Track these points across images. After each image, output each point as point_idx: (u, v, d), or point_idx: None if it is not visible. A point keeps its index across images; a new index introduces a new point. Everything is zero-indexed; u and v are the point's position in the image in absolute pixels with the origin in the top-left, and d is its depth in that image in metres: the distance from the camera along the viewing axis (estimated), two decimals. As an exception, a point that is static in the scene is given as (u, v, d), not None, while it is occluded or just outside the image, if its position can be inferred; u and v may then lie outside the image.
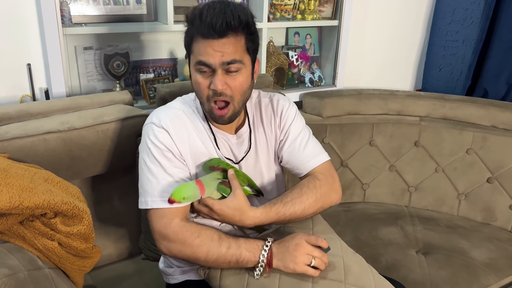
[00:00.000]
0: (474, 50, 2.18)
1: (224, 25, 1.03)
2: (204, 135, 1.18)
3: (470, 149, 1.89)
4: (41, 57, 1.62)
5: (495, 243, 1.70)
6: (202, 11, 1.04)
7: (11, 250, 0.99)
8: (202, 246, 1.06)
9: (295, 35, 2.23)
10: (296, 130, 1.27)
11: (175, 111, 1.18)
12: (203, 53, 1.06)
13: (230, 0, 1.08)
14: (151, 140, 1.13)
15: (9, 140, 1.23)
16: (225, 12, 1.03)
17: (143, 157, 1.14)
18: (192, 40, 1.08)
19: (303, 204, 1.17)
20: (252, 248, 1.06)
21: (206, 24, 1.03)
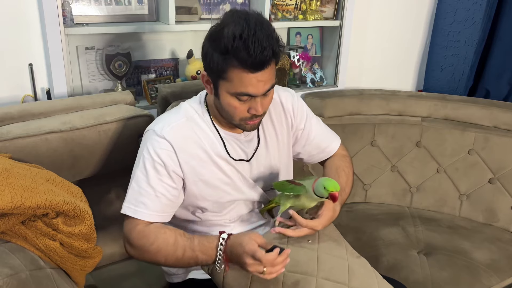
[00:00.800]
0: (476, 51, 2.18)
1: (270, 58, 1.02)
2: (211, 141, 1.17)
3: (472, 150, 1.89)
4: (43, 57, 1.62)
5: (497, 244, 1.70)
6: (247, 44, 0.98)
7: (13, 250, 0.99)
8: (159, 252, 1.09)
9: (297, 35, 2.22)
10: (310, 123, 1.33)
11: (180, 120, 1.15)
12: (247, 85, 1.03)
13: (260, 16, 1.04)
14: (148, 148, 1.12)
15: (11, 140, 1.23)
16: (268, 41, 1.00)
17: (136, 162, 1.15)
18: (228, 67, 1.02)
19: (350, 183, 1.34)
20: (206, 251, 1.07)
21: (254, 58, 0.99)
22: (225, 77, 1.04)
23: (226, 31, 0.99)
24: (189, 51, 1.86)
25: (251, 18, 1.01)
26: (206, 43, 1.06)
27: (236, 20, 1.00)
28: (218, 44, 1.01)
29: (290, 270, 1.11)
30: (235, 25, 0.99)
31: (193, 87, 1.61)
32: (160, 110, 1.56)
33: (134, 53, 1.83)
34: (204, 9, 1.93)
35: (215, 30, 1.04)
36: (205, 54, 1.06)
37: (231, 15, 1.03)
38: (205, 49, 1.06)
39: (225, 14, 1.06)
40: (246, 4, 2.01)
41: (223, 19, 1.04)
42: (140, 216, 1.11)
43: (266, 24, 1.02)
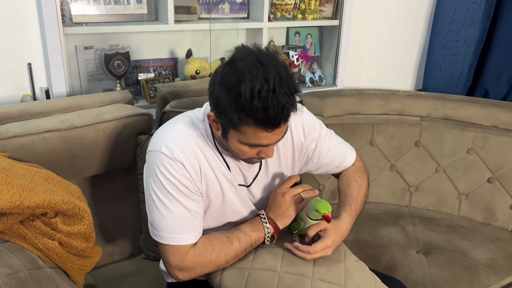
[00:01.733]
0: (475, 50, 2.18)
1: (288, 116, 0.98)
2: (215, 161, 1.13)
3: (471, 149, 1.89)
4: (42, 57, 1.62)
5: (496, 243, 1.70)
6: (266, 104, 0.92)
7: (12, 250, 0.99)
8: (220, 256, 1.10)
9: (296, 34, 2.22)
10: (322, 141, 1.28)
11: (185, 137, 1.09)
12: (261, 138, 1.00)
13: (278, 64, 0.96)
14: (163, 172, 1.06)
15: (9, 138, 1.23)
16: (288, 97, 0.94)
17: (153, 188, 1.08)
18: (243, 124, 0.97)
19: (362, 193, 1.30)
20: (256, 228, 1.14)
21: (273, 119, 0.95)
22: (238, 130, 0.99)
23: (244, 88, 0.92)
24: (188, 51, 1.86)
25: (270, 69, 0.93)
26: (218, 89, 0.98)
27: (254, 73, 0.92)
28: (233, 100, 0.94)
29: (286, 271, 1.11)
30: (252, 81, 0.91)
31: (192, 86, 1.61)
32: (159, 110, 1.56)
33: (133, 52, 1.83)
34: (203, 8, 1.93)
35: (229, 80, 0.95)
36: (216, 101, 0.98)
37: (245, 61, 0.94)
38: (216, 95, 0.98)
39: (238, 54, 0.97)
40: (245, 3, 2.01)
41: (239, 66, 0.95)
42: (187, 242, 1.08)
43: (285, 75, 0.95)
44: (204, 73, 1.90)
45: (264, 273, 1.11)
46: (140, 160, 1.44)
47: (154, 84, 1.89)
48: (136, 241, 1.54)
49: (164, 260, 1.12)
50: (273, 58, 0.96)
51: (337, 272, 1.12)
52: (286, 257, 1.15)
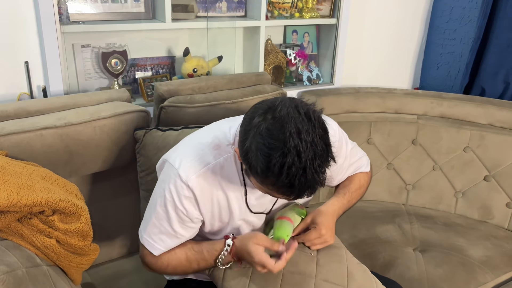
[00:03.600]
0: (471, 49, 2.19)
1: (313, 193, 0.93)
2: (234, 189, 1.10)
3: (467, 147, 1.90)
4: (39, 55, 1.61)
5: (492, 241, 1.71)
6: (293, 183, 0.87)
7: (9, 248, 0.99)
8: (176, 270, 1.16)
9: (293, 33, 2.23)
10: (347, 158, 1.27)
11: (207, 166, 1.05)
12: (281, 196, 0.96)
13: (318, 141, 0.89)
14: (170, 190, 1.05)
15: (5, 135, 1.22)
16: (318, 178, 0.89)
17: (158, 196, 1.09)
18: (265, 184, 0.93)
19: (360, 195, 1.32)
20: (216, 255, 1.11)
21: (295, 195, 0.91)
22: (260, 182, 0.94)
23: (274, 161, 0.86)
24: (186, 49, 1.86)
25: (306, 142, 0.86)
26: (250, 139, 0.91)
27: (288, 146, 0.85)
28: (261, 165, 0.88)
29: (290, 270, 1.12)
30: (284, 156, 0.85)
31: (189, 84, 1.61)
32: (156, 108, 1.56)
33: (130, 51, 1.82)
34: (201, 7, 1.93)
35: (262, 140, 0.88)
36: (246, 151, 0.91)
37: (284, 126, 0.87)
38: (247, 144, 0.91)
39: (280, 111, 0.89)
40: (242, 2, 2.01)
41: (275, 130, 0.87)
42: (156, 252, 1.13)
43: (321, 148, 0.88)
44: (201, 72, 1.90)
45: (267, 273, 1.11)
46: (141, 156, 1.44)
47: (152, 82, 1.89)
48: (134, 239, 1.55)
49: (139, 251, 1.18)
50: (313, 127, 0.89)
51: (339, 273, 1.13)
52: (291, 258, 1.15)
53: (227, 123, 1.14)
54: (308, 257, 1.16)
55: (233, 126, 1.11)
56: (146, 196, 1.44)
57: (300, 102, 0.93)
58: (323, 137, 0.90)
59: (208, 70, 1.93)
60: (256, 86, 1.74)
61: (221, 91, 1.65)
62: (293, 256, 1.14)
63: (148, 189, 1.43)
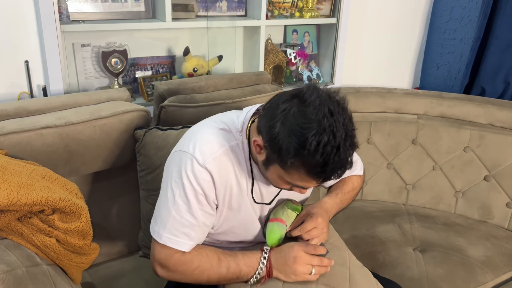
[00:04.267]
0: (471, 48, 2.19)
1: (342, 175, 0.96)
2: (242, 176, 1.10)
3: (467, 147, 1.90)
4: (39, 54, 1.61)
5: (492, 241, 1.71)
6: (327, 162, 0.89)
7: (9, 247, 0.99)
8: (203, 273, 1.07)
9: (293, 32, 2.23)
10: None
11: (220, 147, 1.06)
12: (305, 183, 0.98)
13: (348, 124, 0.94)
14: (188, 176, 1.03)
15: (5, 135, 1.22)
16: (347, 160, 0.93)
17: (172, 186, 1.06)
18: (295, 168, 0.94)
19: (352, 197, 1.33)
20: (251, 263, 1.08)
21: (327, 175, 0.93)
22: (285, 169, 0.96)
23: (310, 139, 0.88)
24: (186, 49, 1.86)
25: (339, 122, 0.90)
26: (278, 126, 0.92)
27: (324, 125, 0.88)
28: (294, 146, 0.90)
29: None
30: (320, 134, 0.88)
31: (190, 84, 1.61)
32: (157, 107, 1.56)
33: (131, 50, 1.82)
34: (201, 6, 1.93)
35: (295, 123, 0.90)
36: (273, 137, 0.93)
37: (316, 108, 0.90)
38: (275, 131, 0.93)
39: (309, 97, 0.92)
40: (242, 1, 2.01)
41: (308, 112, 0.90)
42: (183, 248, 1.06)
43: (351, 129, 0.93)
44: (201, 71, 1.90)
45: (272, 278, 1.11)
46: (141, 156, 1.44)
47: (152, 82, 1.89)
48: (134, 239, 1.54)
49: (151, 252, 1.10)
50: (343, 109, 0.94)
51: (341, 277, 1.13)
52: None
53: (234, 113, 1.15)
54: None
55: (240, 115, 1.12)
56: (146, 196, 1.44)
57: (328, 89, 0.97)
58: (351, 120, 0.95)
59: (208, 70, 1.93)
60: (256, 86, 1.74)
61: (221, 91, 1.65)
62: None
63: (148, 189, 1.43)
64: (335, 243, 1.25)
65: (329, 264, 1.10)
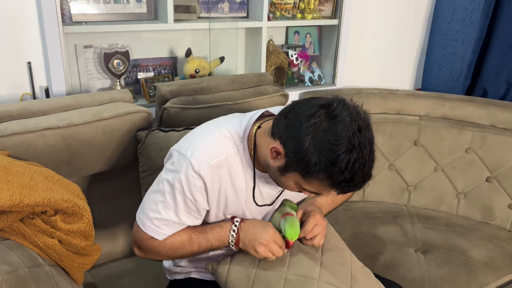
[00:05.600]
0: (473, 50, 2.19)
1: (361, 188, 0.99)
2: (242, 182, 1.11)
3: (469, 149, 1.90)
4: (41, 56, 1.62)
5: (494, 242, 1.71)
6: (353, 177, 0.92)
7: (12, 247, 0.99)
8: (176, 253, 1.14)
9: (295, 34, 2.23)
10: None
11: (220, 156, 1.06)
12: (321, 191, 1.00)
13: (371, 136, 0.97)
14: (181, 179, 1.05)
15: (8, 136, 1.23)
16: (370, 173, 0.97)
17: (164, 183, 1.08)
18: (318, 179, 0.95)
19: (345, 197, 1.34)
20: (220, 236, 1.13)
21: (351, 189, 0.96)
22: (307, 179, 0.97)
23: (341, 158, 0.90)
24: (188, 50, 1.86)
25: (366, 139, 0.94)
26: (307, 139, 0.93)
27: (352, 143, 0.91)
28: (324, 162, 0.92)
29: (292, 273, 1.12)
30: (350, 152, 0.91)
31: (192, 85, 1.62)
32: (159, 109, 1.57)
33: (133, 51, 1.83)
34: (203, 7, 1.93)
35: (326, 138, 0.92)
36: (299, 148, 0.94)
37: (347, 125, 0.92)
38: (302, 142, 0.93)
39: (339, 112, 0.94)
40: (244, 3, 2.01)
41: (339, 129, 0.92)
42: (159, 237, 1.11)
43: (373, 143, 0.98)
44: (203, 72, 1.90)
45: (270, 274, 1.11)
46: (142, 157, 1.44)
47: (154, 83, 1.89)
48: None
49: (132, 233, 1.16)
50: (368, 125, 0.97)
51: (343, 276, 1.13)
52: (293, 259, 1.15)
53: (237, 118, 1.15)
54: (312, 259, 1.16)
55: (243, 120, 1.13)
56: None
57: (356, 105, 0.99)
58: (373, 134, 0.99)
59: (210, 71, 1.94)
60: (258, 87, 1.75)
61: (223, 92, 1.66)
62: (296, 259, 1.15)
63: (150, 190, 1.43)
64: (336, 243, 1.25)
65: None
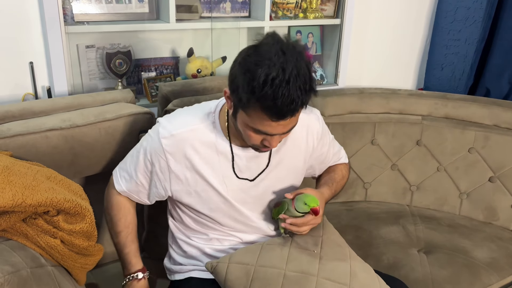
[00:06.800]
0: (476, 49, 2.18)
1: (296, 110, 0.98)
2: (220, 155, 1.16)
3: (472, 148, 1.89)
4: (44, 56, 1.62)
5: (497, 243, 1.70)
6: (276, 93, 0.93)
7: (14, 248, 0.99)
8: (113, 227, 1.26)
9: (297, 33, 2.22)
10: (330, 146, 1.36)
11: (184, 128, 1.14)
12: (266, 126, 1.00)
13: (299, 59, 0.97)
14: (147, 139, 1.17)
15: (11, 137, 1.23)
16: (301, 92, 0.95)
17: (141, 140, 1.20)
18: (251, 107, 0.98)
19: (342, 186, 1.37)
20: (124, 267, 1.27)
21: (280, 110, 0.95)
22: (246, 111, 1.00)
23: (259, 72, 0.93)
24: (190, 50, 1.86)
25: (290, 61, 0.94)
26: (236, 67, 1.01)
27: (274, 60, 0.94)
28: (247, 81, 0.95)
29: (292, 270, 1.11)
30: (269, 68, 0.93)
31: (194, 85, 1.62)
32: (161, 109, 1.56)
33: (135, 51, 1.83)
34: (205, 7, 1.93)
35: (249, 60, 0.97)
36: (232, 79, 1.01)
37: (270, 47, 0.96)
38: (234, 73, 1.01)
39: (266, 40, 1.00)
40: (246, 2, 2.01)
41: (262, 50, 0.97)
42: (117, 187, 1.23)
43: (305, 71, 0.96)
44: (205, 72, 1.90)
45: (270, 271, 1.11)
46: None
47: (156, 83, 1.89)
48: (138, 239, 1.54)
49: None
50: (298, 52, 0.97)
51: (342, 271, 1.13)
52: (292, 255, 1.15)
53: (217, 100, 1.21)
54: (311, 255, 1.16)
55: (221, 101, 1.19)
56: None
57: (287, 36, 1.02)
58: (307, 64, 0.98)
59: (212, 71, 1.94)
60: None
61: (225, 92, 1.65)
62: (295, 255, 1.15)
63: (152, 190, 1.43)
64: (335, 240, 1.25)
65: None
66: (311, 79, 0.98)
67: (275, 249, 1.17)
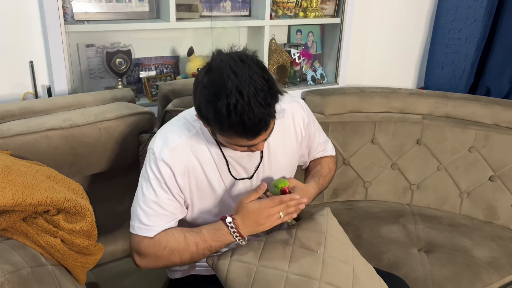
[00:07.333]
0: (476, 48, 2.18)
1: (267, 124, 0.98)
2: (212, 162, 1.16)
3: (472, 148, 1.89)
4: (44, 55, 1.62)
5: (498, 242, 1.70)
6: (242, 119, 0.93)
7: (14, 247, 0.99)
8: (173, 253, 1.11)
9: (297, 32, 2.22)
10: (317, 136, 1.37)
11: (179, 139, 1.13)
12: (245, 142, 1.01)
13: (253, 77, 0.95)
14: (152, 168, 1.12)
15: (11, 137, 1.23)
16: (265, 109, 0.94)
17: (141, 182, 1.14)
18: (225, 134, 0.99)
19: (330, 180, 1.38)
20: (218, 238, 1.11)
21: (251, 130, 0.96)
22: (222, 135, 1.02)
23: (220, 105, 0.93)
24: (190, 49, 1.86)
25: (243, 80, 0.93)
26: (198, 98, 0.99)
27: (229, 87, 0.93)
28: (212, 114, 0.96)
29: (294, 272, 1.11)
30: (227, 97, 0.92)
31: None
32: (161, 108, 1.56)
33: (135, 50, 1.83)
34: (205, 6, 1.93)
35: (207, 93, 0.96)
36: (199, 110, 1.01)
37: (221, 72, 0.95)
38: (198, 104, 1.00)
39: (215, 63, 0.98)
40: (246, 1, 2.01)
41: (215, 79, 0.95)
42: (152, 233, 1.12)
43: (261, 84, 0.95)
44: (205, 71, 1.90)
45: (271, 272, 1.11)
46: (143, 159, 1.44)
47: (156, 82, 1.89)
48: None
49: (129, 245, 1.16)
50: (248, 66, 0.96)
51: (345, 275, 1.13)
52: (294, 257, 1.15)
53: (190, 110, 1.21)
54: (314, 257, 1.15)
55: None
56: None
57: (234, 51, 1.01)
58: (261, 73, 0.96)
59: (212, 70, 1.93)
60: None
61: (225, 91, 1.65)
62: (298, 256, 1.14)
63: (152, 189, 1.43)
64: (339, 237, 1.25)
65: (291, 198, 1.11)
66: (270, 87, 0.96)
67: (277, 247, 1.16)
